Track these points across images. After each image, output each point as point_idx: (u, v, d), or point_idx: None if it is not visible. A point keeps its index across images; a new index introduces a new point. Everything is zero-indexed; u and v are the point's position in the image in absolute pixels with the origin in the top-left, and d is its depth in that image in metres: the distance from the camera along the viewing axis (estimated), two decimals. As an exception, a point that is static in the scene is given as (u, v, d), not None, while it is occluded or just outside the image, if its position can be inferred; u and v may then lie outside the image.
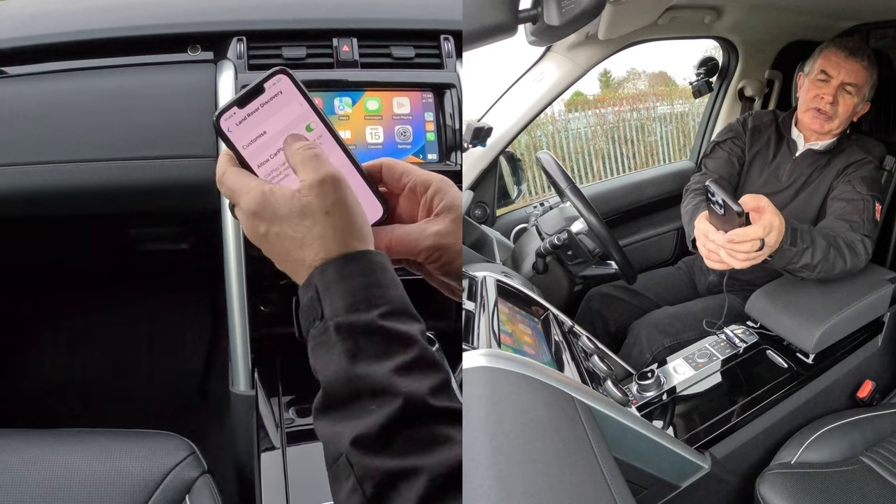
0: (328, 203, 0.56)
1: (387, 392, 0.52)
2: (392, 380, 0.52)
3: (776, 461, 1.25)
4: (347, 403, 0.53)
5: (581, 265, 1.62)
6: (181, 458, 1.05)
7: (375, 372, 0.53)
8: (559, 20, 0.72)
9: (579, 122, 4.58)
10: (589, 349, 1.29)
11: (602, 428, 0.95)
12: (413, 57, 1.27)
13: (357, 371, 0.53)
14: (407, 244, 0.61)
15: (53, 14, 1.33)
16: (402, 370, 0.53)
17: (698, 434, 1.22)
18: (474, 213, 1.87)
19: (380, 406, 0.52)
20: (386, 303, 0.55)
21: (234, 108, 0.60)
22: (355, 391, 0.53)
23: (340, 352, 0.54)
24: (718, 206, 1.10)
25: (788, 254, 1.20)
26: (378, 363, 0.53)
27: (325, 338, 0.55)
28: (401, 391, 0.52)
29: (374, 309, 0.54)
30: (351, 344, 0.54)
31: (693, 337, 1.49)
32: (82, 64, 1.24)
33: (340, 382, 0.53)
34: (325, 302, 0.55)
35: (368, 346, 0.54)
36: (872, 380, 1.45)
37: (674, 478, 1.14)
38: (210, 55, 1.26)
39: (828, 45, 1.49)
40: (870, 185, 1.43)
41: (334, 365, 0.54)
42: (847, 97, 1.44)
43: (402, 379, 0.52)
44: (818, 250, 1.24)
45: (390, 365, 0.53)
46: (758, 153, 1.61)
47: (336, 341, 0.54)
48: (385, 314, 0.55)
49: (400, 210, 0.64)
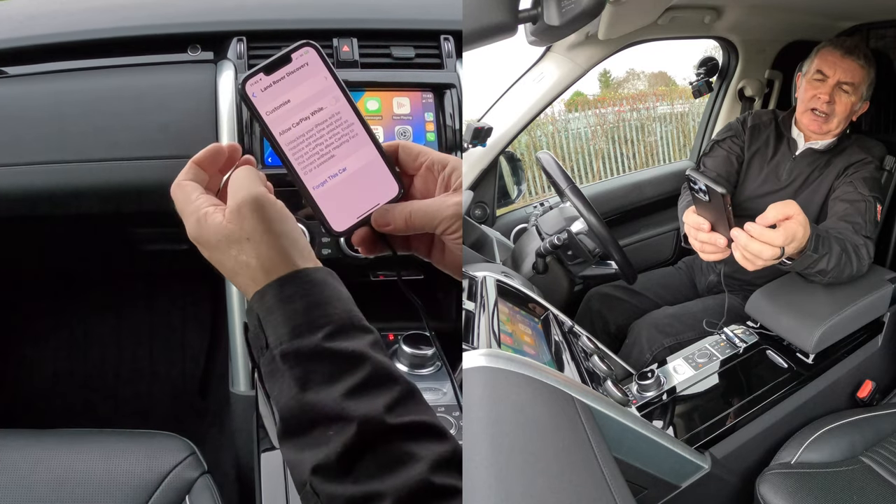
0: (248, 229, 0.56)
1: (340, 418, 0.51)
2: (344, 405, 0.51)
3: (776, 461, 1.25)
4: (305, 431, 0.52)
5: (581, 265, 1.62)
6: (181, 459, 1.06)
7: (326, 398, 0.52)
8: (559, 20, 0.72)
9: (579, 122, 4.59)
10: (589, 349, 1.29)
11: (602, 428, 0.95)
12: (413, 57, 1.27)
13: (308, 399, 0.52)
14: (427, 215, 0.60)
15: (53, 14, 1.33)
16: (353, 392, 0.52)
17: (698, 434, 1.22)
18: (474, 213, 1.87)
19: (336, 432, 0.51)
20: (329, 322, 0.54)
21: (260, 75, 0.60)
22: (310, 419, 0.52)
23: (290, 380, 0.53)
24: (703, 194, 1.07)
25: (808, 259, 1.20)
26: (328, 388, 0.52)
27: (273, 367, 0.54)
28: (354, 416, 0.51)
29: (317, 331, 0.54)
30: (299, 371, 0.53)
31: (693, 337, 1.49)
32: (82, 64, 1.24)
33: (294, 411, 0.53)
34: (267, 330, 0.55)
35: (316, 372, 0.53)
36: (872, 380, 1.45)
37: (674, 478, 1.14)
38: (210, 55, 1.26)
39: (824, 44, 1.49)
40: (871, 185, 1.44)
41: (286, 394, 0.53)
42: (844, 96, 1.44)
43: (354, 402, 0.52)
44: (833, 257, 1.24)
45: (340, 389, 0.52)
46: (757, 151, 1.61)
47: (284, 370, 0.53)
48: (329, 335, 0.54)
49: (415, 190, 0.64)
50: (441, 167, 0.63)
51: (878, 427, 1.30)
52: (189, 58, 1.27)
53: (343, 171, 0.62)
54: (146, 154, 1.18)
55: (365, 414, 0.51)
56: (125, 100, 1.21)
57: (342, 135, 0.62)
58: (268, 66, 0.61)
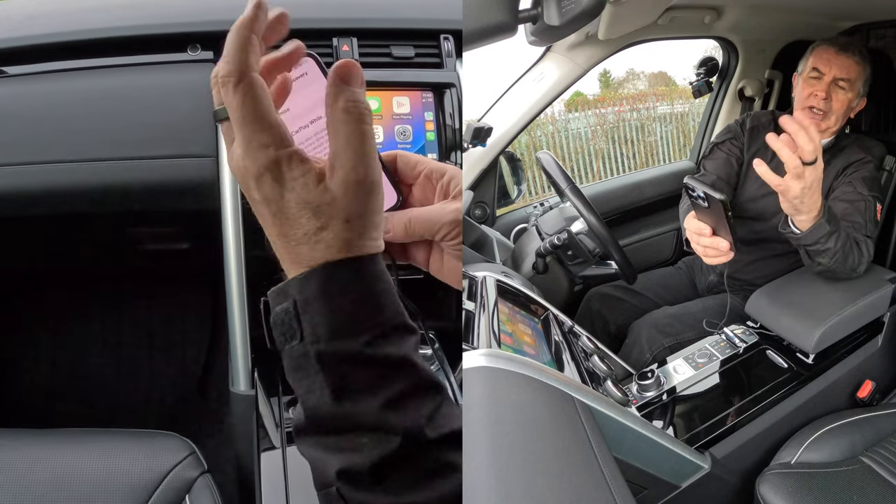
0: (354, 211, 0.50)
1: (380, 429, 0.48)
2: (384, 416, 0.48)
3: (776, 461, 1.25)
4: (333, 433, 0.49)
5: (581, 265, 1.62)
6: (181, 458, 1.05)
7: (364, 409, 0.48)
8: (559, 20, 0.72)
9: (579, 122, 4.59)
10: (589, 349, 1.29)
11: (602, 428, 0.95)
12: (413, 56, 1.27)
13: (344, 408, 0.49)
14: (426, 222, 0.59)
15: (52, 14, 1.33)
16: (394, 403, 0.49)
17: (698, 434, 1.22)
18: (474, 213, 1.87)
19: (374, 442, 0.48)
20: (374, 324, 0.50)
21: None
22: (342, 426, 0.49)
23: (322, 383, 0.49)
24: (702, 200, 1.11)
25: (822, 230, 1.22)
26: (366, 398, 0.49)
27: (304, 362, 0.50)
28: (397, 429, 0.48)
29: (362, 334, 0.49)
30: (334, 377, 0.49)
31: (693, 337, 1.49)
32: (81, 64, 1.24)
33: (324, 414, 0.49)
34: (304, 320, 0.50)
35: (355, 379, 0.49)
36: (872, 380, 1.45)
37: (674, 478, 1.14)
38: (209, 55, 1.26)
39: (819, 42, 1.50)
40: (870, 185, 1.44)
41: (316, 395, 0.49)
42: (840, 93, 1.45)
43: (396, 414, 0.49)
44: (840, 238, 1.26)
45: (381, 399, 0.49)
46: (756, 153, 1.61)
47: (317, 370, 0.49)
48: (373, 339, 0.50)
49: (413, 199, 0.63)
50: (439, 175, 0.62)
51: (878, 427, 1.30)
52: (188, 57, 1.27)
53: None
54: (145, 154, 1.18)
55: (409, 427, 0.48)
56: (124, 99, 1.21)
57: None
58: None
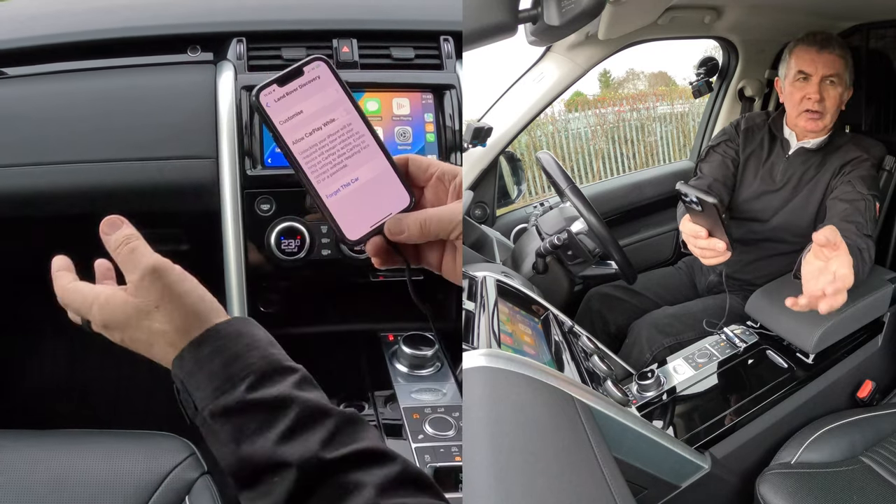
0: (155, 298, 0.58)
1: (279, 465, 0.52)
2: (279, 450, 0.52)
3: (776, 461, 1.25)
4: (252, 484, 0.53)
5: (581, 265, 1.62)
6: (181, 459, 1.05)
7: (261, 448, 0.53)
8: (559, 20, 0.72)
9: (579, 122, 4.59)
10: (589, 349, 1.29)
11: (602, 428, 0.95)
12: (413, 58, 1.27)
13: (244, 452, 0.53)
14: (441, 221, 0.61)
15: (53, 15, 1.33)
16: (285, 437, 0.53)
17: (698, 434, 1.22)
18: (474, 213, 1.87)
19: (280, 479, 0.52)
20: (249, 373, 0.55)
21: (273, 86, 0.62)
22: (252, 471, 0.53)
23: (225, 438, 0.54)
24: (695, 205, 1.12)
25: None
26: (261, 438, 0.53)
27: (207, 427, 0.55)
28: (291, 460, 0.52)
29: (239, 384, 0.55)
30: (230, 427, 0.54)
31: (693, 337, 1.49)
32: (82, 65, 1.24)
33: (236, 466, 0.54)
34: (193, 394, 0.56)
35: (247, 425, 0.54)
36: (872, 380, 1.45)
37: (674, 478, 1.14)
38: (210, 56, 1.26)
39: (796, 43, 1.50)
40: (869, 184, 1.44)
41: (225, 451, 0.54)
42: (832, 89, 1.45)
43: (289, 446, 0.53)
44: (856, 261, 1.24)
45: (273, 436, 0.53)
46: (752, 154, 1.61)
47: (217, 429, 0.55)
48: (251, 386, 0.55)
49: (425, 201, 0.65)
50: (451, 177, 0.64)
51: (878, 427, 1.30)
52: (189, 58, 1.27)
53: (355, 180, 0.63)
54: (146, 155, 1.18)
55: (301, 455, 0.52)
56: (125, 101, 1.21)
57: (354, 145, 0.63)
58: (281, 78, 0.62)
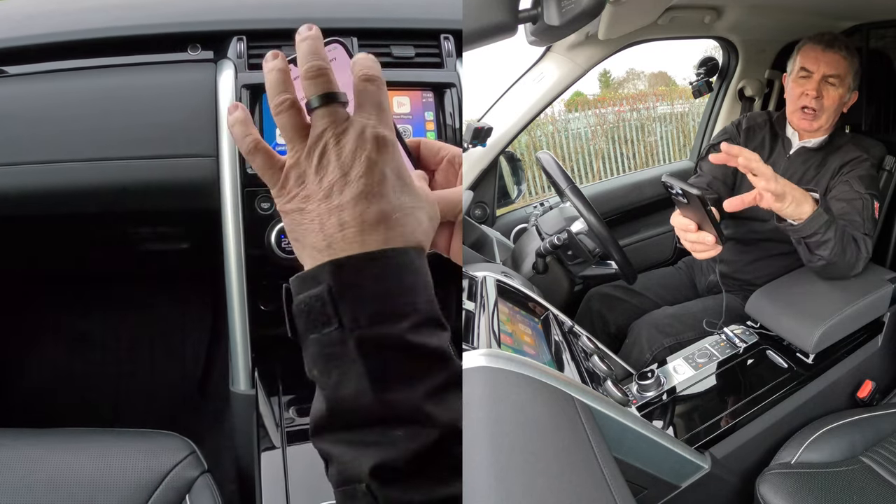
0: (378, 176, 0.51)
1: (420, 422, 0.47)
2: (426, 408, 0.47)
3: (776, 461, 1.25)
4: (361, 427, 0.48)
5: (581, 265, 1.62)
6: (181, 458, 1.05)
7: (406, 398, 0.47)
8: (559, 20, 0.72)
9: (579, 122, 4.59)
10: (589, 349, 1.29)
11: (602, 428, 0.95)
12: (413, 56, 1.27)
13: (384, 396, 0.47)
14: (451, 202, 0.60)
15: (52, 13, 1.33)
16: (435, 395, 0.47)
17: (698, 434, 1.22)
18: (474, 213, 1.87)
19: (410, 435, 0.46)
20: (415, 312, 0.49)
21: (291, 66, 0.61)
22: (378, 417, 0.47)
23: (361, 371, 0.47)
24: (681, 197, 1.12)
25: (820, 220, 1.22)
26: (408, 388, 0.47)
27: (341, 350, 0.48)
28: (438, 421, 0.47)
29: (402, 320, 0.48)
30: (376, 364, 0.47)
31: (693, 337, 1.49)
32: (81, 63, 1.24)
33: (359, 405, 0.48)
34: (341, 307, 0.48)
35: (396, 367, 0.48)
36: (872, 380, 1.45)
37: (674, 478, 1.14)
38: (210, 54, 1.26)
39: (805, 41, 1.51)
40: (868, 183, 1.44)
41: (352, 385, 0.48)
42: (831, 89, 1.45)
43: (437, 406, 0.47)
44: (838, 230, 1.27)
45: (422, 389, 0.47)
46: None
47: (356, 358, 0.47)
48: (415, 326, 0.48)
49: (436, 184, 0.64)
50: (462, 160, 0.63)
51: (878, 427, 1.30)
52: (189, 57, 1.27)
53: None
54: (146, 153, 1.18)
55: (449, 421, 0.47)
56: (125, 99, 1.21)
57: None
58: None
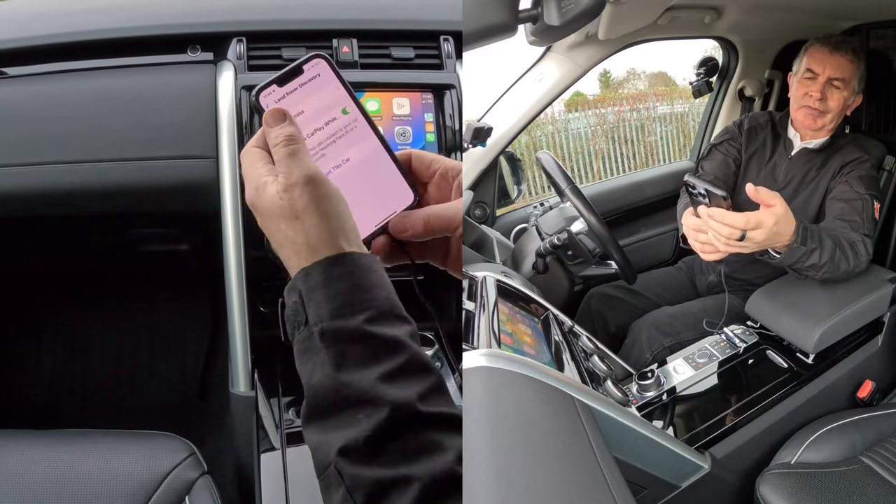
0: (299, 207, 0.56)
1: (373, 401, 0.51)
2: (378, 388, 0.52)
3: (776, 461, 1.25)
4: (333, 412, 0.52)
5: (581, 265, 1.62)
6: (181, 459, 1.05)
7: (361, 380, 0.52)
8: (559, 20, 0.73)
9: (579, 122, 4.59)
10: (589, 349, 1.29)
11: (602, 428, 0.95)
12: (413, 57, 1.27)
13: (342, 379, 0.52)
14: (445, 219, 0.61)
15: (53, 15, 1.33)
16: (388, 377, 0.52)
17: (698, 434, 1.22)
18: (474, 213, 1.87)
19: (367, 415, 0.51)
20: (371, 307, 0.55)
21: (273, 86, 0.61)
22: (341, 399, 0.52)
23: (325, 359, 0.53)
24: (703, 197, 1.11)
25: (798, 252, 1.21)
26: (364, 370, 0.52)
27: (310, 343, 0.54)
28: (387, 399, 0.51)
29: (359, 314, 0.54)
30: (336, 351, 0.53)
31: (693, 337, 1.49)
32: (82, 65, 1.24)
33: (325, 390, 0.53)
34: (308, 307, 0.55)
35: (354, 353, 0.53)
36: (872, 380, 1.45)
37: (674, 478, 1.14)
38: (210, 56, 1.26)
39: (812, 42, 1.50)
40: (868, 184, 1.44)
41: (319, 372, 0.53)
42: (836, 92, 1.45)
43: (389, 386, 0.52)
44: (825, 251, 1.25)
45: (376, 372, 0.52)
46: (754, 153, 1.61)
47: (320, 348, 0.54)
48: (371, 319, 0.54)
49: (429, 197, 0.64)
50: (455, 173, 0.63)
51: (878, 427, 1.30)
52: (189, 58, 1.27)
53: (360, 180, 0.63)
54: (146, 155, 1.19)
55: (398, 399, 0.51)
56: (125, 100, 1.21)
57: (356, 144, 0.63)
58: (280, 78, 0.61)
